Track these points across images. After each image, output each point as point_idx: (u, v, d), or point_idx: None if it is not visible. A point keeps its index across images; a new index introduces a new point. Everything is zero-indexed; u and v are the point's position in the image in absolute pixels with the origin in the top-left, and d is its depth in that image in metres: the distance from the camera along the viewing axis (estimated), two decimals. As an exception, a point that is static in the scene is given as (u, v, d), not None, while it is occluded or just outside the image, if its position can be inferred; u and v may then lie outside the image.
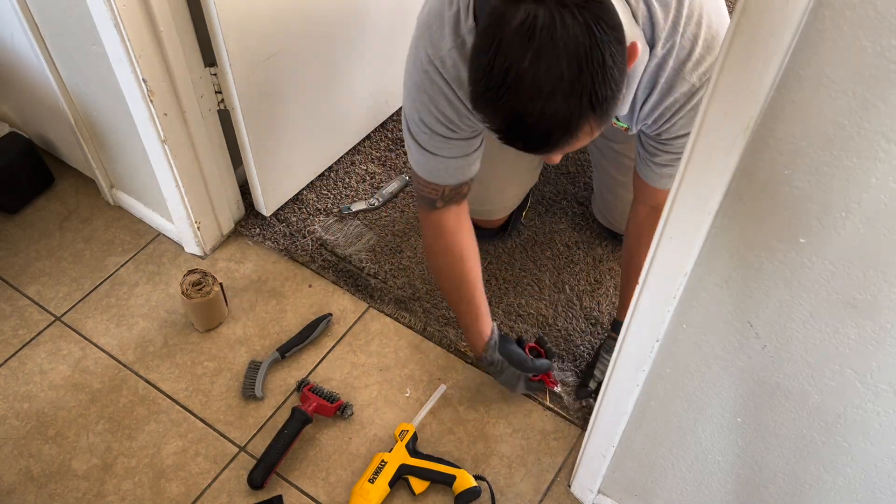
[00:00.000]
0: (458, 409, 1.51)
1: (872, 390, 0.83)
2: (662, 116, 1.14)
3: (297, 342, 1.57)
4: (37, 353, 1.58)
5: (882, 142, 0.64)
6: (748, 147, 0.71)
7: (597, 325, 1.62)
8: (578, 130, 0.89)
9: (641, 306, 0.94)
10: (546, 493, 1.41)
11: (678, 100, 1.10)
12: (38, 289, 1.68)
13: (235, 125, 1.59)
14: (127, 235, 1.79)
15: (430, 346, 1.60)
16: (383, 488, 1.36)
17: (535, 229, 1.78)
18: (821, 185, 0.70)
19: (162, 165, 1.54)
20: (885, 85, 0.61)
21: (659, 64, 1.07)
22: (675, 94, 1.09)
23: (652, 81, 1.09)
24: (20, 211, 1.82)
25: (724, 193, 0.76)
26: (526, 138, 0.92)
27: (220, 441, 1.46)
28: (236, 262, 1.74)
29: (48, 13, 1.43)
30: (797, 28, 0.61)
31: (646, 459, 1.18)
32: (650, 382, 1.04)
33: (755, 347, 0.88)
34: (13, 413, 1.49)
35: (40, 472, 1.41)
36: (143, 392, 1.52)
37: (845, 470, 0.94)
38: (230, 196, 1.74)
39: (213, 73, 1.50)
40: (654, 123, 1.16)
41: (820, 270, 0.76)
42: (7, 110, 1.88)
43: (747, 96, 0.67)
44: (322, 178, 1.89)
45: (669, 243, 0.84)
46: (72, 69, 1.53)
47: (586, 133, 0.91)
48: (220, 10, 1.35)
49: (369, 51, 1.79)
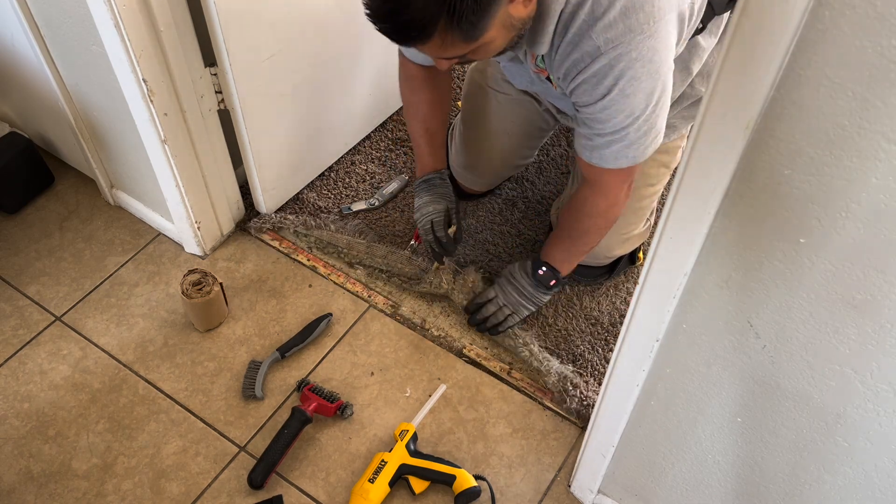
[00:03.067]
0: (458, 409, 1.51)
1: (872, 390, 0.83)
2: (570, 73, 1.16)
3: (297, 342, 1.57)
4: (37, 353, 1.58)
5: (882, 142, 0.64)
6: (748, 147, 0.71)
7: (597, 325, 1.62)
8: (430, 30, 1.00)
9: (641, 306, 0.94)
10: (546, 493, 1.41)
11: (583, 58, 1.12)
12: (38, 289, 1.68)
13: (235, 125, 1.59)
14: (127, 235, 1.79)
15: (430, 346, 1.60)
16: (383, 488, 1.36)
17: (535, 229, 1.78)
18: (821, 185, 0.70)
19: (162, 165, 1.54)
20: (885, 85, 0.61)
21: (572, 12, 1.10)
22: (581, 50, 1.12)
23: (565, 28, 1.12)
24: (20, 211, 1.82)
25: (724, 193, 0.76)
26: (384, 23, 1.02)
27: (220, 441, 1.46)
28: (236, 262, 1.74)
29: (48, 13, 1.43)
30: (797, 28, 0.61)
31: (646, 459, 1.18)
32: (650, 382, 1.04)
33: (755, 347, 0.89)
34: (13, 413, 1.49)
35: (40, 472, 1.42)
36: (143, 392, 1.52)
37: (845, 470, 0.94)
38: (230, 196, 1.74)
39: (213, 73, 1.50)
40: (565, 80, 1.19)
41: (820, 270, 0.76)
42: (7, 110, 1.88)
43: (747, 96, 0.67)
44: (322, 178, 1.89)
45: (669, 243, 0.84)
46: (72, 69, 1.53)
47: (440, 36, 1.02)
48: (220, 10, 1.35)
49: (369, 51, 1.79)
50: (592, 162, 1.27)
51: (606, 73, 1.12)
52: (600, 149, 1.24)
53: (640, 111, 1.16)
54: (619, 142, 1.22)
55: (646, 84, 1.13)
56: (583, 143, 1.27)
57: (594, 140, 1.24)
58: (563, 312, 1.64)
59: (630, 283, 1.69)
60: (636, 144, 1.22)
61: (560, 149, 1.93)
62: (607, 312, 1.64)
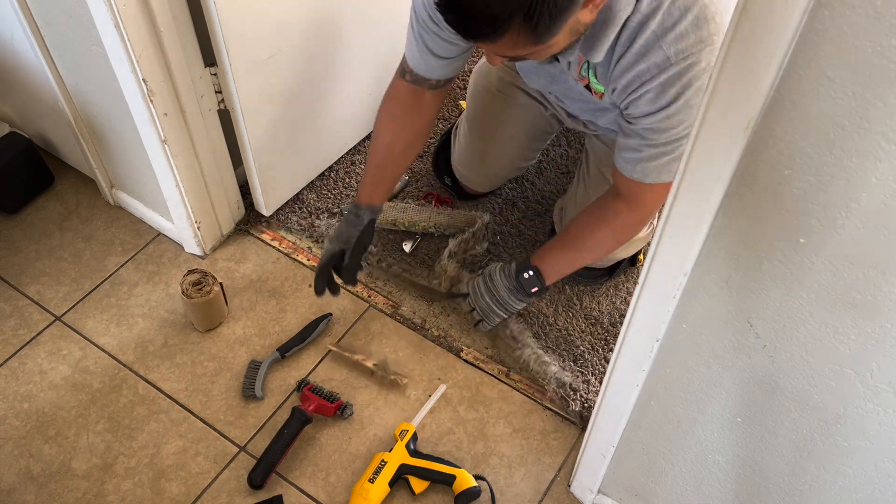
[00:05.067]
0: (458, 409, 1.51)
1: (872, 390, 0.83)
2: (632, 84, 1.13)
3: (297, 342, 1.57)
4: (37, 353, 1.58)
5: (882, 142, 0.64)
6: (748, 147, 0.71)
7: (597, 325, 1.62)
8: (504, 27, 0.95)
9: (641, 306, 0.94)
10: (546, 493, 1.41)
11: (650, 69, 1.10)
12: (38, 289, 1.68)
13: (235, 125, 1.59)
14: (127, 235, 1.79)
15: (430, 345, 1.60)
16: (383, 488, 1.36)
17: (535, 229, 1.78)
18: (821, 185, 0.70)
19: (162, 165, 1.54)
20: (885, 85, 0.61)
21: (641, 21, 1.07)
22: (649, 61, 1.09)
23: (630, 38, 1.09)
24: (20, 211, 1.82)
25: (724, 193, 0.76)
26: (456, 14, 0.98)
27: (220, 441, 1.46)
28: (236, 262, 1.74)
29: (48, 13, 1.43)
30: (797, 28, 0.61)
31: (646, 459, 1.18)
32: (650, 382, 1.04)
33: (755, 347, 0.89)
34: (13, 413, 1.49)
35: (40, 472, 1.42)
36: (143, 392, 1.52)
37: (845, 470, 0.94)
38: (230, 196, 1.74)
39: (213, 73, 1.50)
40: (624, 91, 1.16)
41: (820, 270, 0.76)
42: (7, 110, 1.88)
43: (747, 96, 0.67)
44: (322, 177, 1.89)
45: (669, 243, 0.84)
46: (72, 69, 1.53)
47: (511, 36, 0.97)
48: (220, 10, 1.35)
49: (369, 50, 1.79)
50: (634, 177, 1.23)
51: (674, 82, 1.09)
52: (646, 161, 1.21)
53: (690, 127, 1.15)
54: (669, 154, 1.18)
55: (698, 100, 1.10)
56: (627, 157, 1.23)
57: (643, 151, 1.20)
58: (563, 312, 1.64)
59: (630, 283, 1.69)
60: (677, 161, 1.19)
61: (560, 149, 1.93)
62: (607, 312, 1.64)
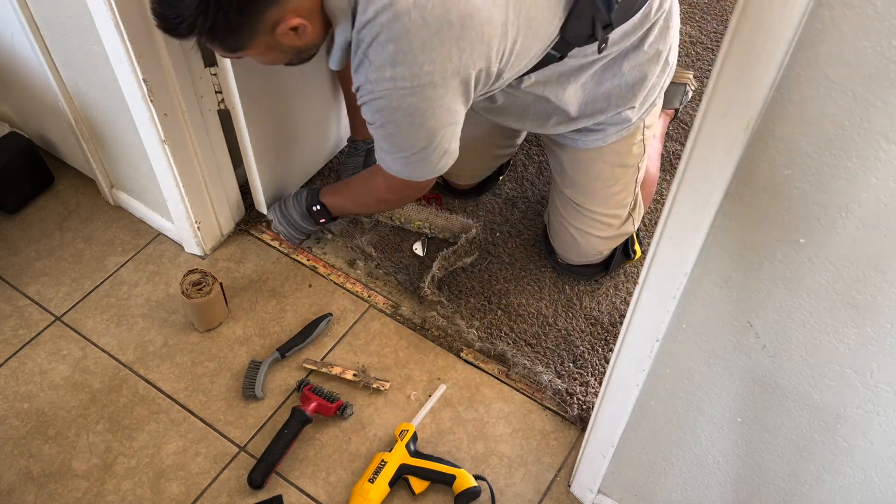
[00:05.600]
0: (458, 409, 1.51)
1: (872, 390, 0.83)
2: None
3: (297, 342, 1.57)
4: (37, 353, 1.58)
5: (882, 142, 0.64)
6: (748, 147, 0.71)
7: (597, 325, 1.62)
8: (188, 31, 1.10)
9: (641, 306, 0.94)
10: (546, 493, 1.41)
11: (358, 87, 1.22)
12: (38, 289, 1.68)
13: (235, 125, 1.59)
14: (127, 235, 1.79)
15: (430, 345, 1.60)
16: (383, 488, 1.36)
17: (534, 229, 1.78)
18: (821, 185, 0.70)
19: (162, 165, 1.54)
20: (885, 85, 0.61)
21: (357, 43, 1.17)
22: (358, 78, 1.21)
23: (354, 51, 1.19)
24: (20, 211, 1.82)
25: (723, 193, 0.76)
26: (155, 11, 1.12)
27: (220, 441, 1.46)
28: (236, 262, 1.74)
29: (48, 13, 1.43)
30: (797, 28, 0.61)
31: (646, 459, 1.18)
32: (650, 382, 1.04)
33: (755, 347, 0.89)
34: (13, 413, 1.49)
35: (40, 472, 1.42)
36: (143, 392, 1.52)
37: (845, 470, 0.94)
38: (230, 196, 1.74)
39: (213, 73, 1.50)
40: None
41: (820, 270, 0.76)
42: (7, 110, 1.88)
43: (747, 96, 0.67)
44: (322, 177, 1.89)
45: (669, 243, 0.84)
46: (72, 69, 1.53)
47: (198, 41, 1.13)
48: (220, 10, 1.35)
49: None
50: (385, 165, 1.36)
51: (376, 109, 1.21)
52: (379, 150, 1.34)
53: (407, 149, 1.27)
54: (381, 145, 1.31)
55: (407, 133, 1.23)
56: None
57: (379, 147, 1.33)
58: (563, 312, 1.64)
59: (630, 283, 1.69)
60: (411, 167, 1.32)
61: (560, 149, 1.93)
62: (607, 312, 1.64)
